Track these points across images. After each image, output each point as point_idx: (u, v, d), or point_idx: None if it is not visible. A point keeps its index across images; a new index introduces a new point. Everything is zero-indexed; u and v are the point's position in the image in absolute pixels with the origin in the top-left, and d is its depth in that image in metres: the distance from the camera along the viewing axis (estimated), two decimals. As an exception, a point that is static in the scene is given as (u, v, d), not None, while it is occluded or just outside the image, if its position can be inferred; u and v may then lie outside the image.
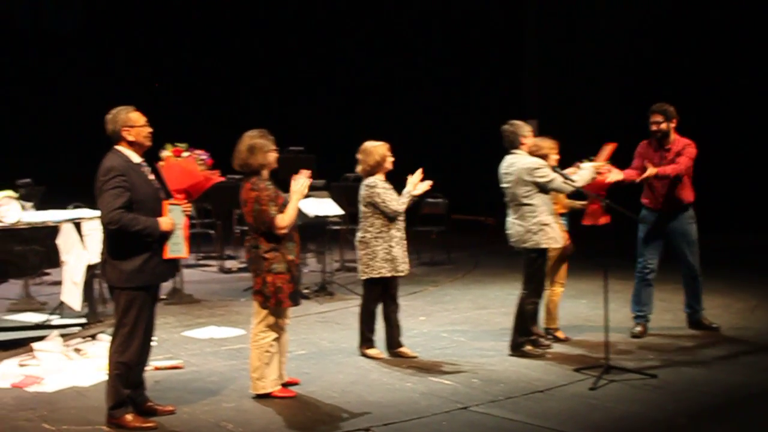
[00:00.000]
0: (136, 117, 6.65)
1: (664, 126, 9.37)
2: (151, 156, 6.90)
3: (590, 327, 9.79)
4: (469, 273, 14.12)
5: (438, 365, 8.36)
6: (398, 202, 8.49)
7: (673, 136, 9.45)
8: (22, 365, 8.15)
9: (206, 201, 14.81)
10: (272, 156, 7.33)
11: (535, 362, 8.42)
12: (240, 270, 13.98)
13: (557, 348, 8.95)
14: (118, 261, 6.53)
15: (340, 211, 11.91)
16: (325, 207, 11.70)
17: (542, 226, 8.46)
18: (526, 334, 8.73)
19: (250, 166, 7.26)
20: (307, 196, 10.09)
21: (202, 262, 15.30)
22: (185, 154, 7.03)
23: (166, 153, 7.01)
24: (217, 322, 10.28)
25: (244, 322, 9.77)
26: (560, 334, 9.28)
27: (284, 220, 7.15)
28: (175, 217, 6.67)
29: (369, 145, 8.62)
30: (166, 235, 6.58)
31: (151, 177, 6.71)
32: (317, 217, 11.44)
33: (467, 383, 7.75)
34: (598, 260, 7.86)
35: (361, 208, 8.63)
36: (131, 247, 6.50)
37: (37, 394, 7.49)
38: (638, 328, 9.50)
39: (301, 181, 7.34)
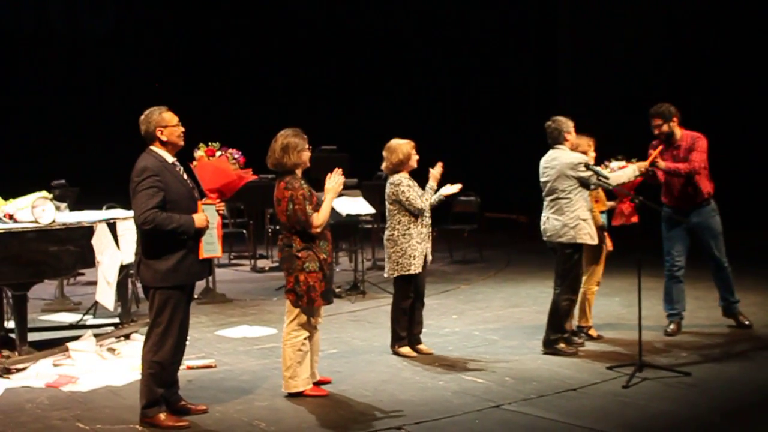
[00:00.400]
0: (169, 117, 6.69)
1: (665, 128, 9.32)
2: (185, 156, 6.94)
3: (623, 325, 9.75)
4: (501, 271, 14.09)
5: (470, 363, 8.35)
6: (422, 200, 8.50)
7: (679, 132, 9.39)
8: (56, 365, 8.20)
9: (239, 200, 14.88)
10: (306, 155, 7.34)
11: (567, 360, 8.39)
12: (272, 269, 14.03)
13: (590, 346, 8.91)
14: (153, 261, 6.56)
15: (372, 210, 11.92)
16: (358, 206, 11.71)
17: (580, 220, 8.45)
18: (559, 331, 8.70)
19: (284, 165, 7.28)
20: (339, 195, 10.11)
21: (234, 261, 15.36)
22: (218, 153, 7.02)
23: (199, 153, 7.01)
24: (250, 321, 10.32)
25: (276, 321, 9.80)
26: (593, 332, 9.25)
27: (319, 218, 7.16)
28: (208, 217, 6.70)
29: (394, 142, 8.62)
30: (200, 233, 6.61)
31: (185, 177, 6.74)
32: (349, 215, 11.45)
33: (500, 381, 7.73)
34: (632, 257, 7.83)
35: (387, 205, 8.64)
36: (165, 246, 6.53)
37: (72, 393, 7.53)
38: (672, 326, 9.44)
39: (335, 179, 7.35)
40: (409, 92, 21.34)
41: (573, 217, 8.45)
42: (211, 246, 6.74)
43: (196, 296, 11.42)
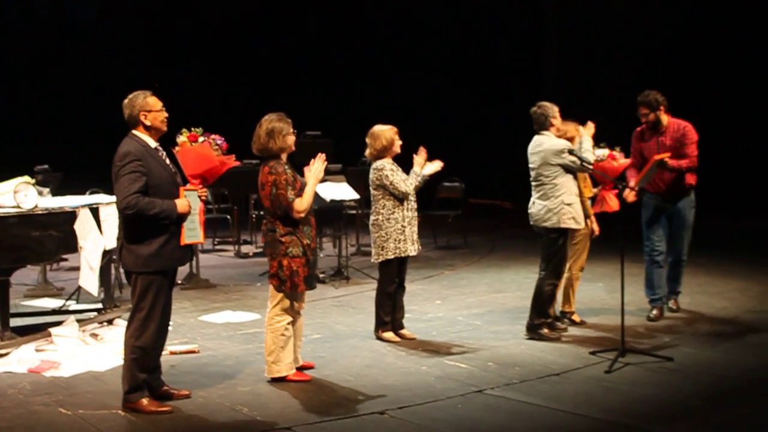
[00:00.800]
0: (153, 101, 6.66)
1: (652, 117, 9.37)
2: (167, 141, 6.91)
3: (606, 310, 9.77)
4: (486, 257, 14.09)
5: (454, 349, 8.36)
6: (407, 183, 8.49)
7: (666, 119, 9.44)
8: (39, 350, 8.17)
9: (222, 186, 14.83)
10: (291, 139, 7.33)
11: (550, 345, 8.41)
12: (256, 254, 14.01)
13: (573, 331, 8.93)
14: (135, 245, 6.54)
15: (356, 196, 11.89)
16: (342, 191, 11.68)
17: (564, 205, 8.48)
18: (543, 316, 8.72)
19: (269, 150, 7.26)
20: (323, 181, 10.08)
21: (218, 246, 15.34)
22: (201, 139, 7.00)
23: (182, 138, 6.99)
24: (233, 307, 10.30)
25: (260, 306, 9.79)
26: (576, 318, 9.27)
27: (302, 204, 7.15)
28: (191, 203, 6.67)
29: (377, 128, 8.61)
30: (182, 218, 6.59)
31: (168, 162, 6.71)
32: (333, 201, 11.43)
33: (483, 367, 7.74)
34: (615, 244, 7.87)
35: (371, 191, 8.63)
36: (148, 231, 6.51)
37: (54, 378, 7.51)
38: (655, 312, 9.48)
39: (317, 165, 7.34)
40: (393, 78, 21.30)
41: (557, 202, 8.48)
42: (192, 232, 6.71)
43: (179, 281, 11.45)
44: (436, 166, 8.69)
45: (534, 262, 12.73)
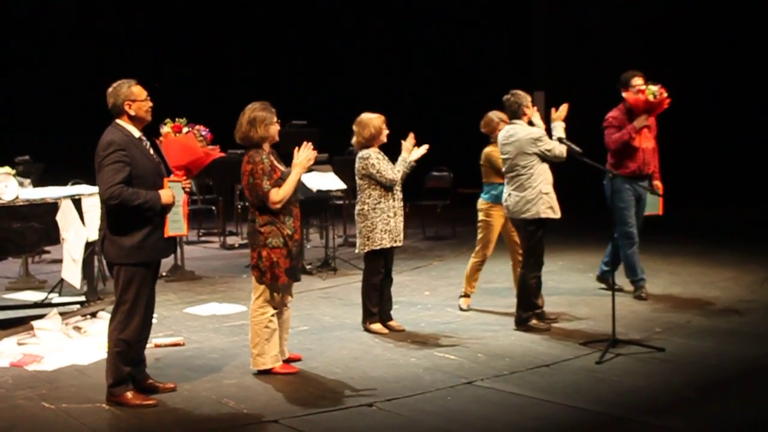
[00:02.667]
0: (138, 91, 6.57)
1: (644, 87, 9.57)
2: (151, 131, 6.81)
3: (597, 300, 9.71)
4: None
5: (443, 340, 8.30)
6: (394, 171, 8.41)
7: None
8: (21, 344, 8.08)
9: (207, 176, 14.74)
10: (274, 129, 7.24)
11: (540, 336, 8.35)
12: (242, 246, 13.91)
13: (564, 322, 8.88)
14: (118, 237, 6.45)
15: (342, 186, 11.82)
16: (328, 181, 11.60)
17: (542, 195, 8.42)
18: (530, 308, 8.67)
19: (251, 139, 7.18)
20: (309, 170, 9.99)
21: (203, 238, 15.25)
22: (185, 129, 6.89)
23: (166, 129, 6.88)
24: (219, 299, 10.22)
25: (245, 298, 9.67)
26: (466, 302, 9.40)
27: (278, 194, 7.05)
28: (175, 194, 6.58)
29: (364, 117, 8.53)
30: (166, 210, 6.50)
31: (152, 152, 6.63)
32: (320, 191, 11.34)
33: (472, 358, 7.67)
34: (603, 233, 7.84)
35: (358, 180, 8.55)
36: (131, 222, 6.42)
37: (37, 372, 7.43)
38: (644, 292, 9.70)
39: (303, 154, 7.25)
40: (380, 66, 21.20)
41: (535, 192, 8.42)
42: (176, 224, 6.63)
43: (164, 273, 11.39)
44: (422, 150, 8.62)
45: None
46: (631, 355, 7.62)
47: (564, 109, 8.72)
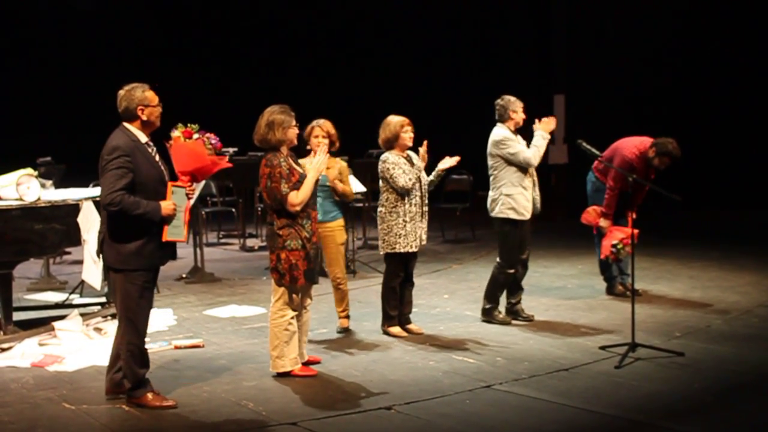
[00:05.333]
0: (152, 96, 6.55)
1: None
2: (161, 135, 6.82)
3: (616, 304, 9.68)
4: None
5: (461, 343, 8.28)
6: (406, 178, 8.37)
7: None
8: (42, 344, 8.12)
9: (227, 179, 14.76)
10: (292, 132, 7.24)
11: (559, 340, 8.33)
12: (261, 248, 13.94)
13: (582, 326, 8.84)
14: (117, 242, 6.44)
15: (363, 189, 11.80)
16: (348, 184, 11.57)
17: (503, 196, 8.81)
18: (494, 301, 9.05)
19: (269, 142, 7.19)
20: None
21: (223, 240, 15.28)
22: (195, 136, 6.90)
23: (176, 133, 6.90)
24: (238, 301, 10.24)
25: (265, 300, 9.71)
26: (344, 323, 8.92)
27: (297, 197, 7.06)
28: (178, 200, 6.56)
29: (388, 118, 8.58)
30: (166, 220, 6.49)
31: (157, 158, 6.60)
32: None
33: (491, 361, 7.66)
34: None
35: (380, 182, 8.56)
36: (130, 229, 6.40)
37: (58, 373, 7.47)
38: (620, 287, 9.91)
39: (318, 157, 7.27)
40: (401, 69, 21.18)
41: (498, 193, 8.86)
42: (176, 230, 6.58)
43: (183, 275, 11.44)
44: (453, 160, 8.63)
45: (541, 255, 12.71)
46: (651, 359, 7.59)
47: (552, 122, 8.96)
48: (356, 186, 11.51)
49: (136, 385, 6.56)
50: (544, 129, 8.87)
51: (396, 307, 8.65)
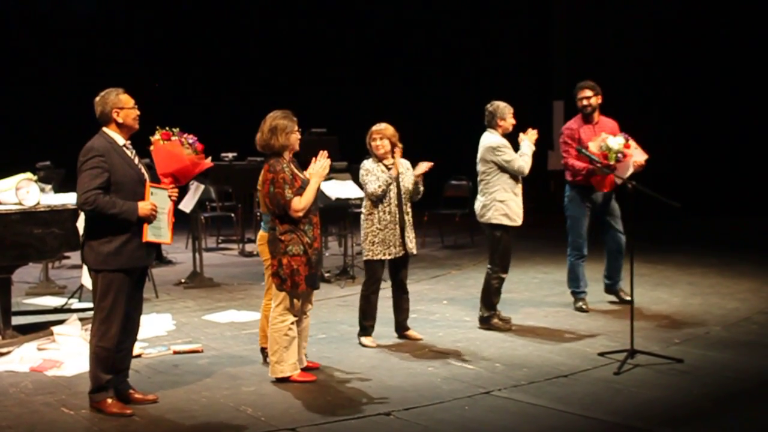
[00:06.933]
0: (126, 99, 6.58)
1: (593, 101, 9.67)
2: (143, 140, 6.83)
3: (615, 311, 9.68)
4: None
5: (460, 349, 8.28)
6: (375, 185, 8.25)
7: (598, 112, 9.76)
8: (41, 349, 8.11)
9: (227, 183, 14.78)
10: (294, 138, 7.26)
11: (558, 346, 8.32)
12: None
13: (581, 332, 8.83)
14: (95, 242, 6.43)
15: (361, 194, 11.77)
16: (347, 189, 11.59)
17: (496, 202, 8.80)
18: (492, 308, 9.01)
19: (272, 147, 7.20)
20: (328, 179, 9.99)
21: (222, 245, 15.28)
22: (174, 138, 6.92)
23: (155, 137, 6.92)
24: (237, 306, 10.23)
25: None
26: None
27: (300, 202, 7.07)
28: (159, 201, 6.55)
29: (374, 127, 8.48)
30: (143, 221, 6.46)
31: (136, 160, 6.59)
32: (339, 199, 11.35)
33: (490, 368, 7.66)
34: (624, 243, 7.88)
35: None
36: (109, 228, 6.39)
37: (56, 377, 7.47)
38: (583, 303, 9.79)
39: (320, 163, 7.27)
40: (400, 74, 21.20)
41: (490, 199, 8.83)
42: (158, 231, 6.56)
43: (182, 280, 11.43)
44: (425, 166, 8.41)
45: (541, 261, 12.73)
46: (650, 366, 7.59)
47: (535, 133, 9.01)
48: (354, 191, 11.53)
49: (96, 388, 6.54)
50: (530, 140, 8.92)
51: (371, 317, 8.51)
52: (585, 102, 9.64)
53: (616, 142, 9.08)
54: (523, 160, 8.77)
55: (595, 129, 9.55)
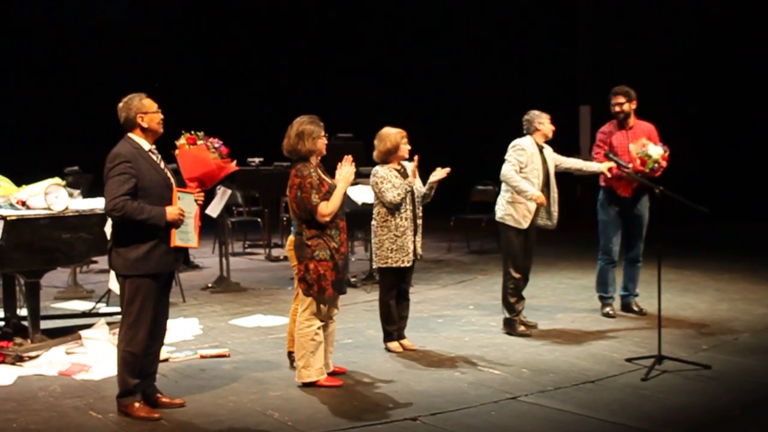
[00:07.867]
0: (149, 103, 6.60)
1: (626, 107, 9.60)
2: (168, 144, 6.86)
3: (643, 316, 9.65)
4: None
5: (487, 355, 8.26)
6: (393, 193, 8.21)
7: (633, 117, 9.65)
8: (69, 353, 8.17)
9: (253, 188, 14.81)
10: (321, 142, 7.26)
11: (585, 352, 8.30)
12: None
13: (609, 338, 8.81)
14: (123, 248, 6.45)
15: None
16: (373, 194, 11.56)
17: (507, 203, 8.91)
18: (513, 311, 9.04)
19: (299, 152, 7.21)
20: (354, 184, 9.98)
21: (249, 250, 15.32)
22: (199, 142, 6.94)
23: (181, 141, 6.95)
24: (264, 311, 10.26)
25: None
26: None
27: (328, 207, 7.07)
28: (185, 206, 6.58)
29: (384, 131, 8.41)
30: (171, 226, 6.49)
31: (162, 165, 6.62)
32: (365, 204, 11.34)
33: (517, 373, 7.65)
34: (651, 249, 7.82)
35: (373, 196, 8.50)
36: (136, 234, 6.41)
37: (84, 381, 7.50)
38: (611, 309, 9.77)
39: (346, 168, 7.28)
40: (426, 80, 21.20)
41: (502, 198, 9.02)
42: (185, 235, 6.59)
43: (209, 285, 11.48)
44: (443, 172, 8.34)
45: (567, 266, 12.70)
46: (677, 372, 7.55)
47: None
48: (370, 197, 11.51)
49: (124, 392, 6.58)
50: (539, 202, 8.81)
51: (394, 322, 8.53)
52: (618, 108, 9.59)
53: (656, 151, 9.08)
54: (524, 186, 8.71)
55: (629, 134, 9.49)
